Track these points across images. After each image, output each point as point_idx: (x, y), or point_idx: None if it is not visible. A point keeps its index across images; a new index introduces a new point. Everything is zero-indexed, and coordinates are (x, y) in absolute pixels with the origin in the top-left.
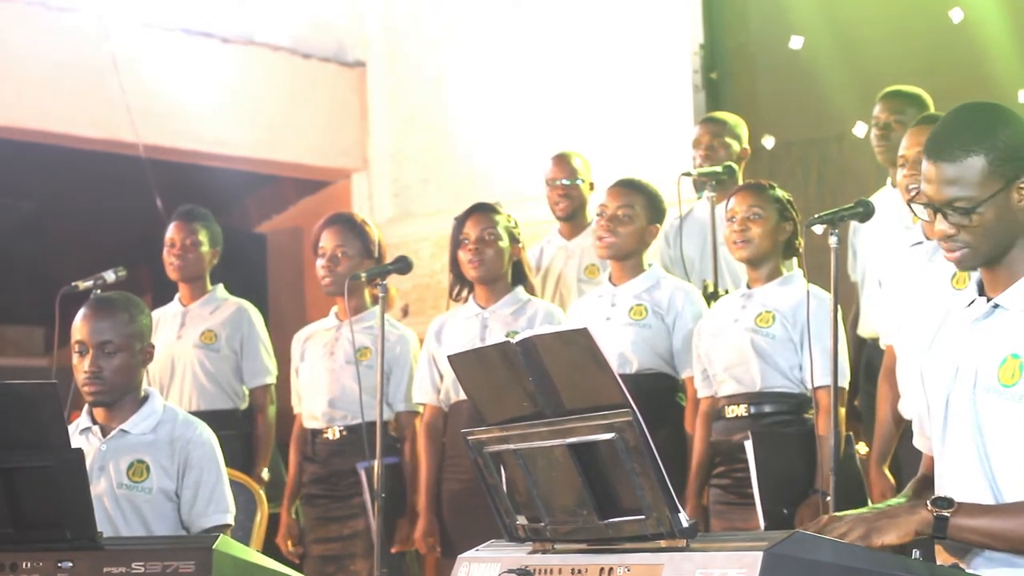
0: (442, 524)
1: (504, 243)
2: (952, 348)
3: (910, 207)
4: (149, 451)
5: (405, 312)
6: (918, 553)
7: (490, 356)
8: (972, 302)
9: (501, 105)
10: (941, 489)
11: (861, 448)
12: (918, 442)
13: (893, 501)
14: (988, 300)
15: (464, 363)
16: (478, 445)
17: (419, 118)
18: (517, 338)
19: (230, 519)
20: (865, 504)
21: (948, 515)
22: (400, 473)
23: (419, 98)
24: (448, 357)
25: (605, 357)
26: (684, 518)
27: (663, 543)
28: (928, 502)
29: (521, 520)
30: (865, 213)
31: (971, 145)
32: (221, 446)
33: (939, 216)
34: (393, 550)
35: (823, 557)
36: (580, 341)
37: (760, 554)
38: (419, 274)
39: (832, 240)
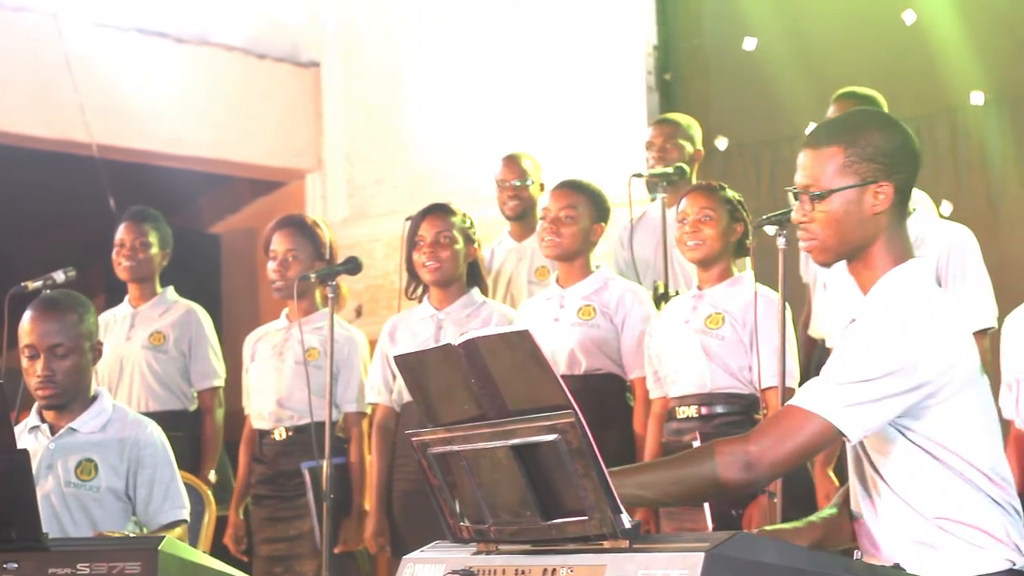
0: (392, 524)
1: (460, 245)
2: None
3: None
4: (97, 450)
5: (359, 313)
6: (859, 554)
7: (434, 358)
8: None
9: (455, 105)
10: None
11: None
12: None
13: (826, 511)
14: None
15: (409, 364)
16: (422, 446)
17: (373, 119)
18: (460, 340)
19: (185, 514)
20: (813, 505)
21: None
22: (346, 474)
23: (373, 98)
24: (394, 358)
25: (547, 359)
26: (626, 519)
27: (606, 544)
28: None
29: (465, 521)
30: None
31: (834, 137)
32: (170, 447)
33: (797, 203)
34: (336, 550)
35: (765, 558)
36: (522, 343)
37: (702, 555)
38: (373, 275)
39: (780, 241)
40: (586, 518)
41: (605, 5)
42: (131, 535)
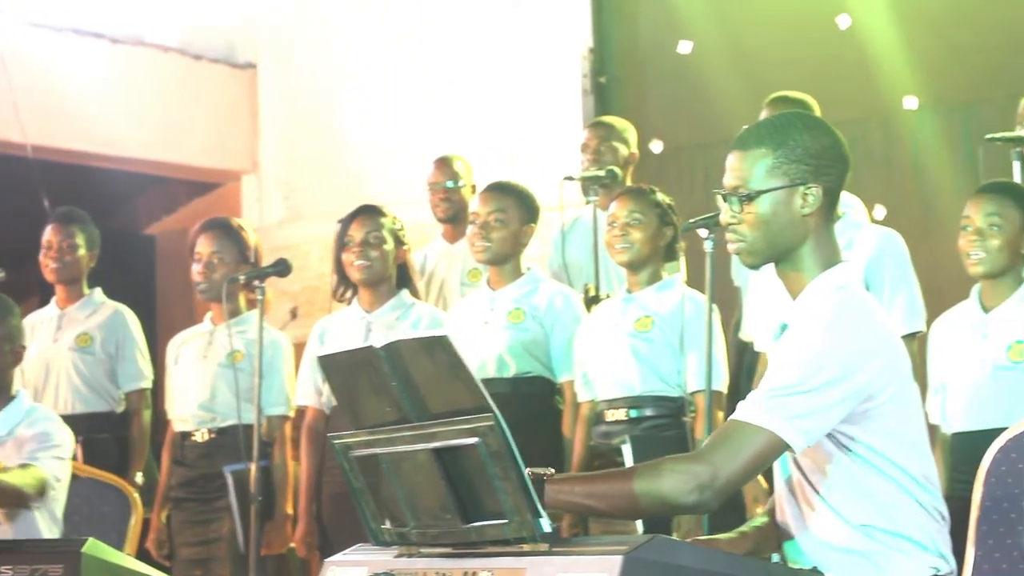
0: (322, 527)
1: (389, 246)
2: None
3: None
4: (2, 451)
5: (294, 315)
6: (778, 557)
7: (357, 360)
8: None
9: (391, 107)
10: (778, 506)
11: None
12: None
13: (758, 520)
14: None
15: (333, 366)
16: (344, 449)
17: (309, 120)
18: (381, 343)
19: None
20: (743, 509)
21: (544, 478)
22: (269, 477)
23: (309, 100)
24: (317, 359)
25: (466, 363)
26: (546, 523)
27: (526, 547)
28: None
29: (387, 524)
30: None
31: (763, 139)
32: (97, 449)
33: (726, 205)
34: (260, 553)
35: (683, 561)
36: (441, 347)
37: (620, 558)
38: (308, 276)
39: (707, 245)
40: (506, 521)
41: (541, 8)
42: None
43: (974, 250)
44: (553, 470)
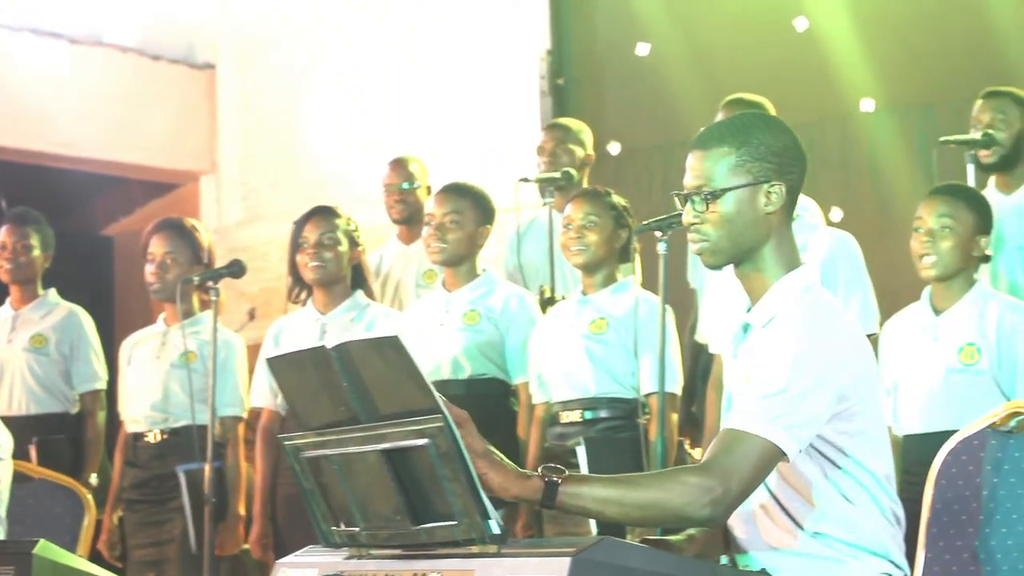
0: (276, 528)
1: (343, 247)
2: (727, 370)
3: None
4: None
5: (252, 316)
6: (727, 559)
7: (307, 361)
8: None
9: (349, 108)
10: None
11: (696, 453)
12: None
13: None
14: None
15: (282, 367)
16: (295, 450)
17: (268, 121)
18: (332, 344)
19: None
20: None
21: (559, 481)
22: (222, 477)
23: (268, 100)
24: (267, 360)
25: (416, 364)
26: (494, 524)
27: (475, 549)
28: (540, 471)
29: (338, 526)
30: None
31: (725, 138)
32: (50, 450)
33: (688, 205)
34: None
35: (632, 563)
36: (392, 348)
37: (568, 560)
38: (267, 277)
39: (661, 247)
40: (455, 523)
41: (499, 10)
42: None
43: (925, 252)
44: (566, 471)
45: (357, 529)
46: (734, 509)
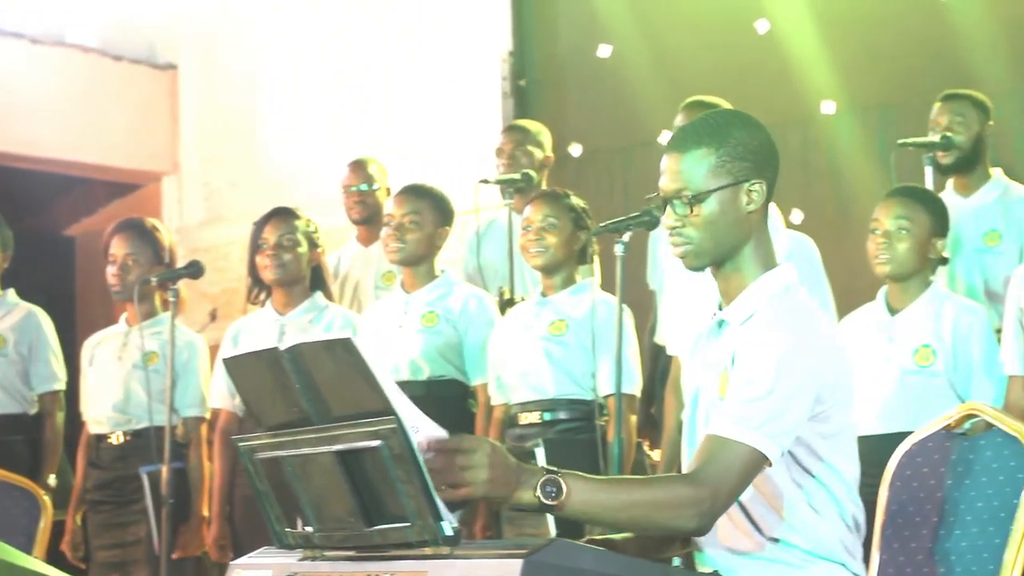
0: (234, 530)
1: (303, 248)
2: (695, 367)
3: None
4: None
5: (213, 316)
6: (679, 561)
7: (262, 362)
8: (713, 316)
9: (311, 109)
10: None
11: (655, 455)
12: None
13: None
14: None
15: (238, 367)
16: (249, 451)
17: (230, 121)
18: (285, 345)
19: None
20: None
21: (553, 504)
22: (185, 478)
23: (230, 101)
24: (223, 361)
25: (369, 365)
26: (447, 526)
27: (428, 550)
28: (538, 485)
29: (292, 527)
30: (651, 222)
31: (703, 139)
32: (8, 451)
33: (668, 208)
34: (174, 556)
35: (583, 564)
36: (345, 350)
37: (520, 561)
38: (229, 278)
39: (618, 248)
40: (408, 524)
41: (461, 11)
42: None
43: (881, 252)
44: (559, 470)
45: (311, 530)
46: (719, 518)
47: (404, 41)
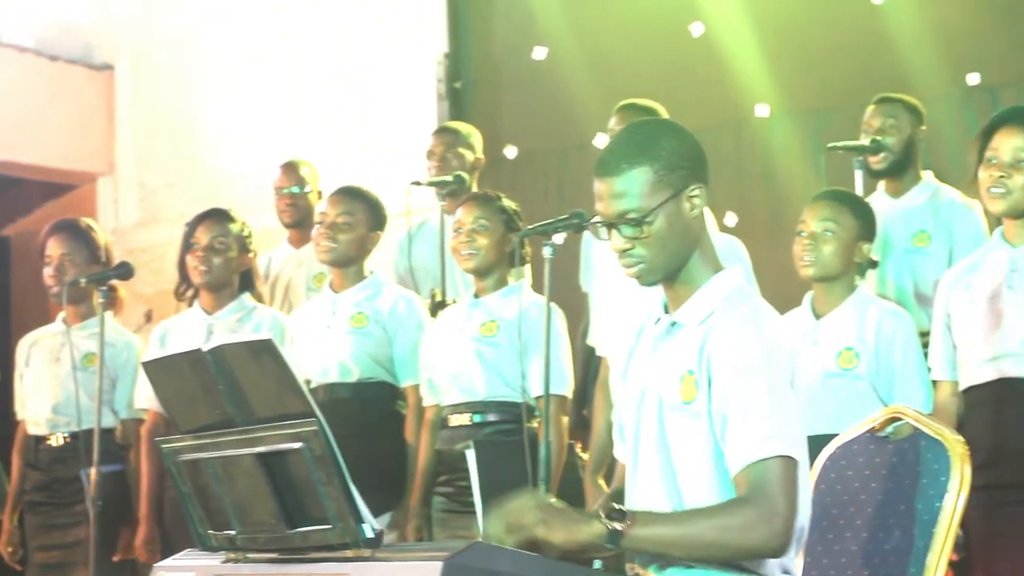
0: (164, 532)
1: (233, 252)
2: (640, 368)
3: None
4: None
5: (148, 317)
6: (600, 563)
7: (183, 364)
8: (658, 320)
9: (247, 110)
10: (631, 506)
11: (587, 457)
12: (618, 452)
13: None
14: (669, 317)
15: (158, 370)
16: (172, 453)
17: (166, 122)
18: (207, 347)
19: None
20: None
21: (622, 529)
22: (125, 480)
23: (166, 102)
24: (143, 364)
25: (291, 367)
26: (368, 528)
27: (349, 553)
28: (603, 514)
29: (215, 529)
30: (579, 224)
31: (636, 157)
32: None
33: (613, 232)
34: (115, 558)
35: (502, 567)
36: (266, 351)
37: (440, 564)
38: (164, 279)
39: (546, 251)
40: (330, 527)
41: (397, 13)
42: None
43: (806, 253)
44: (628, 512)
45: (234, 533)
46: (791, 530)
47: (340, 43)
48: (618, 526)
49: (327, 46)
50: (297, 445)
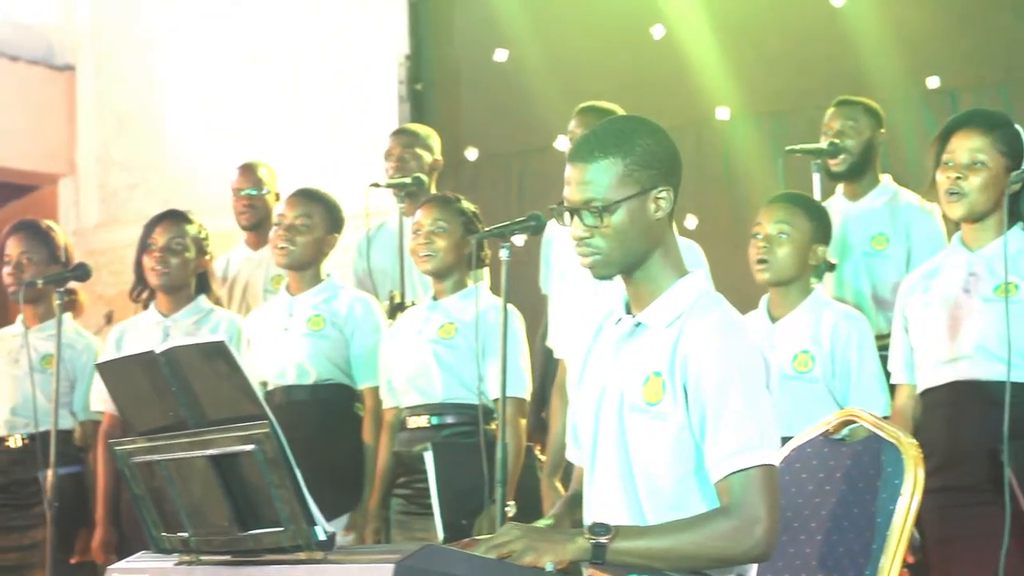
0: (122, 534)
1: (190, 254)
2: (599, 368)
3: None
4: None
5: (109, 319)
6: (552, 566)
7: (136, 365)
8: (620, 320)
9: (209, 111)
10: (588, 509)
11: (544, 459)
12: (571, 454)
13: (542, 521)
14: (632, 318)
15: (112, 372)
16: (125, 455)
17: (127, 123)
18: (160, 349)
19: None
20: (541, 515)
21: (605, 542)
22: (83, 482)
23: (127, 103)
24: (96, 365)
25: (243, 369)
26: (320, 531)
27: (301, 555)
28: (587, 529)
29: (168, 531)
30: (537, 227)
31: (609, 148)
32: None
33: (575, 219)
34: (73, 560)
35: (454, 570)
36: (219, 353)
37: (391, 567)
38: (125, 281)
39: (503, 253)
40: (282, 529)
41: (358, 14)
42: None
43: (761, 257)
44: (612, 528)
45: (187, 535)
46: (776, 536)
47: (301, 44)
48: (602, 539)
49: (289, 48)
50: (249, 447)
